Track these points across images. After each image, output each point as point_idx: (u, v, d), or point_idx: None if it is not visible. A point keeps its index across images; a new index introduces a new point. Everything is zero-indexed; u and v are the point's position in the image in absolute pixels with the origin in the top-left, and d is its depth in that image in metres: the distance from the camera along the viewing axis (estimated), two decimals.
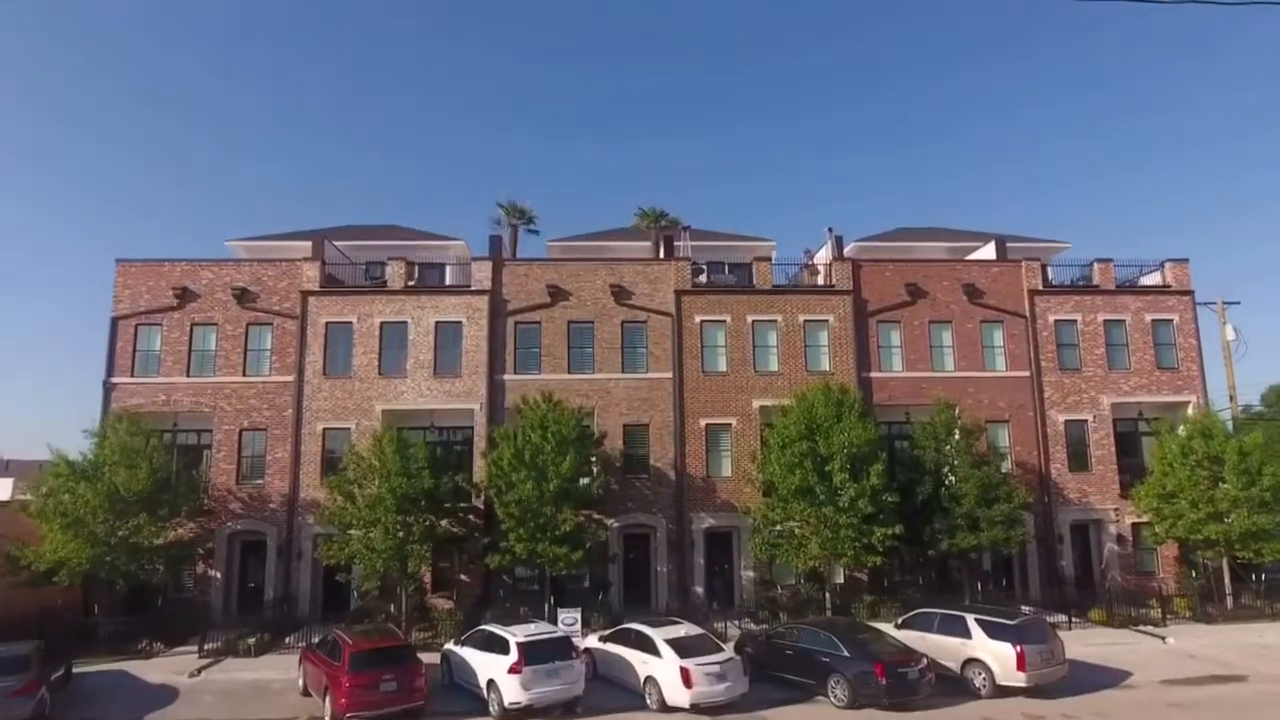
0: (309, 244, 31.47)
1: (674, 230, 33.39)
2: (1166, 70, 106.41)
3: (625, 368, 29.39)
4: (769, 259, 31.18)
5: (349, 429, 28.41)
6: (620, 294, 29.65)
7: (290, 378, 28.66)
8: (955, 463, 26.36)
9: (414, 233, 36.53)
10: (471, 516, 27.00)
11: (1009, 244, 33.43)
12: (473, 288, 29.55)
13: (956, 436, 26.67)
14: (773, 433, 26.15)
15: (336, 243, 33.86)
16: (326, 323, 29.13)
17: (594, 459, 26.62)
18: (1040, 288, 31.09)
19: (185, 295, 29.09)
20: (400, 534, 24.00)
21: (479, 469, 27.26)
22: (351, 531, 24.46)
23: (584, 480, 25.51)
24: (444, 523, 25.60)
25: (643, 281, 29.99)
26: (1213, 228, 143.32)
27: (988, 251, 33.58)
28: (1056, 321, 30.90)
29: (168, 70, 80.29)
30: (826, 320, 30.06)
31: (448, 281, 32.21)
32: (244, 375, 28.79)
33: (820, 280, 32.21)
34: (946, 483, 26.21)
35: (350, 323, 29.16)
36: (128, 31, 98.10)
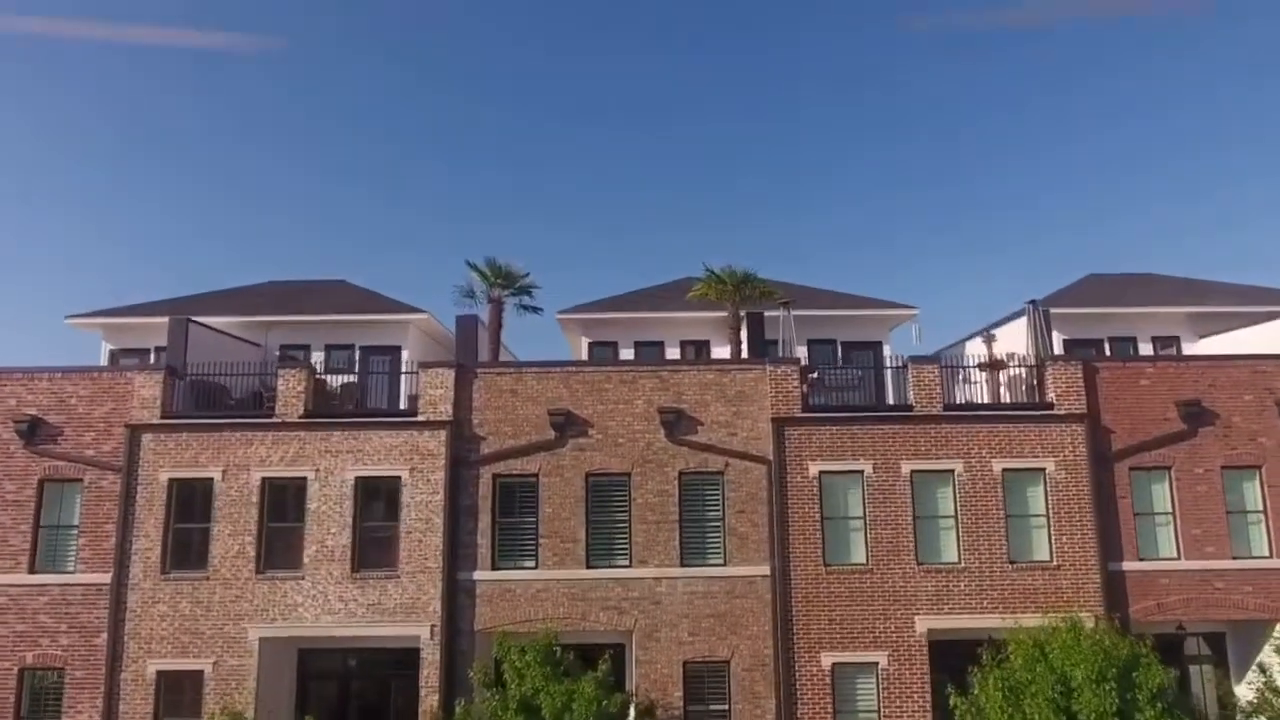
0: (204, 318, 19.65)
1: (766, 299, 20.19)
2: None
3: (687, 556, 16.69)
4: (936, 366, 17.94)
5: (202, 671, 16.16)
6: (677, 422, 16.96)
7: (107, 577, 16.51)
8: None
9: (363, 296, 24.33)
10: None
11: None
12: (420, 416, 17.09)
13: None
14: (969, 708, 13.34)
15: (235, 319, 21.91)
16: (171, 480, 16.90)
17: None
18: None
19: None
20: None
21: None
22: None
23: None
24: None
25: (716, 399, 17.24)
26: None
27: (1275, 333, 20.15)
28: None
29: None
30: (1043, 469, 16.97)
31: (404, 391, 19.88)
32: (31, 572, 16.69)
33: (1003, 387, 19.16)
34: None
35: (211, 480, 16.88)
36: None
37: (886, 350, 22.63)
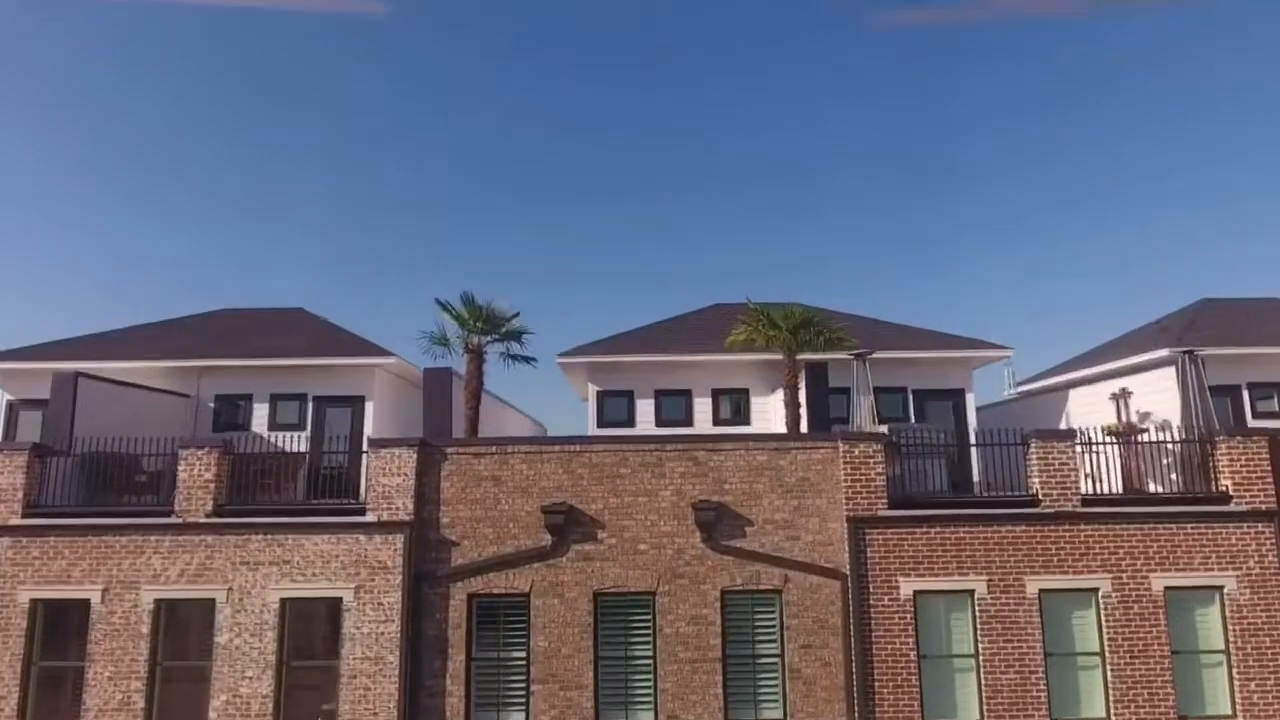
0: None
1: (833, 346, 15.40)
2: None
3: (733, 708, 12.17)
4: (1070, 444, 13.20)
5: None
6: (718, 522, 12.48)
7: None
8: None
9: (322, 331, 19.92)
10: None
11: None
12: (369, 515, 12.63)
13: None
14: None
15: (160, 363, 17.67)
16: (34, 602, 12.53)
17: None
18: None
19: None
20: None
21: None
22: None
23: None
24: None
25: (770, 489, 12.74)
26: None
27: None
28: None
29: None
30: (1219, 587, 12.41)
31: (366, 465, 15.44)
32: None
33: (1138, 461, 14.52)
34: None
35: (88, 601, 12.51)
36: None
37: (970, 400, 18.07)
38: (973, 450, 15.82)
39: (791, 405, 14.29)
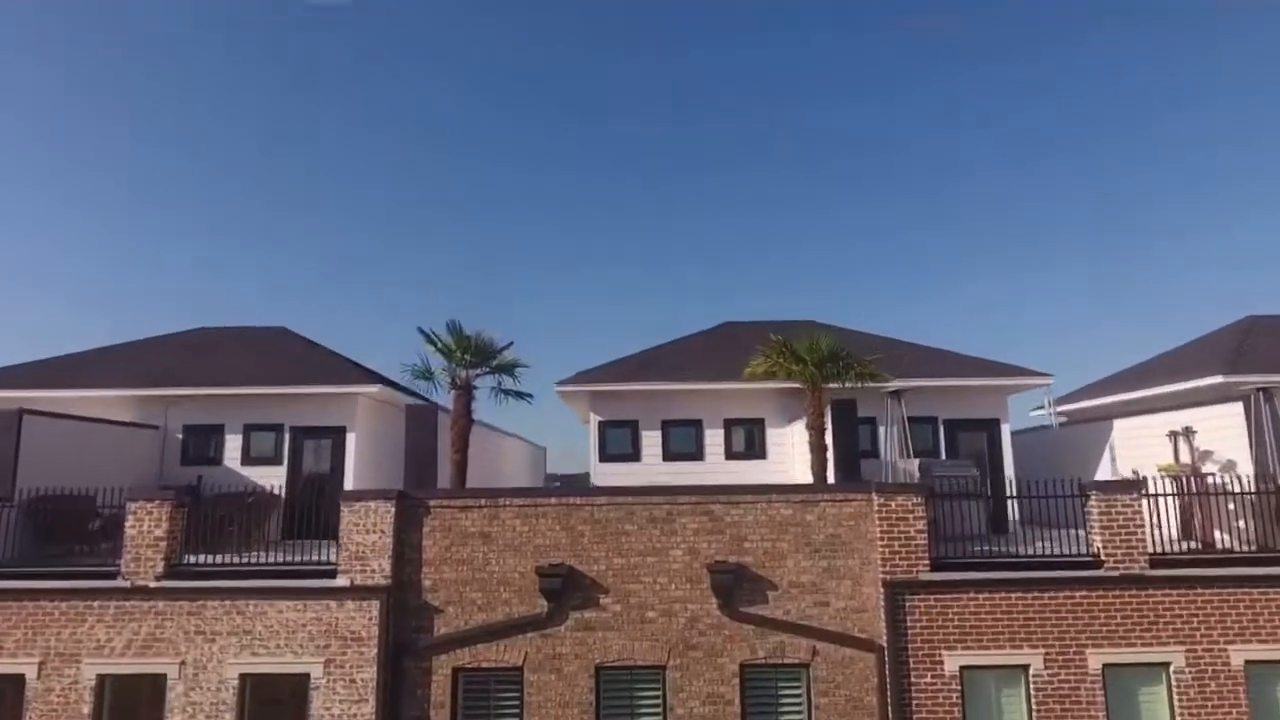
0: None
1: (867, 380, 13.71)
2: None
3: None
4: (1136, 495, 11.58)
5: None
6: (737, 586, 11.02)
7: None
8: None
9: (302, 353, 18.46)
10: None
11: None
12: (340, 579, 11.15)
13: None
14: None
15: (125, 392, 16.29)
16: None
17: None
18: None
19: None
20: None
21: None
22: None
23: None
24: None
25: (795, 547, 11.26)
26: None
27: None
28: None
29: None
30: None
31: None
32: None
33: (1198, 511, 13.00)
34: None
35: (22, 677, 11.03)
36: None
37: (1006, 431, 16.58)
38: (1009, 476, 14.65)
39: (817, 450, 12.77)
